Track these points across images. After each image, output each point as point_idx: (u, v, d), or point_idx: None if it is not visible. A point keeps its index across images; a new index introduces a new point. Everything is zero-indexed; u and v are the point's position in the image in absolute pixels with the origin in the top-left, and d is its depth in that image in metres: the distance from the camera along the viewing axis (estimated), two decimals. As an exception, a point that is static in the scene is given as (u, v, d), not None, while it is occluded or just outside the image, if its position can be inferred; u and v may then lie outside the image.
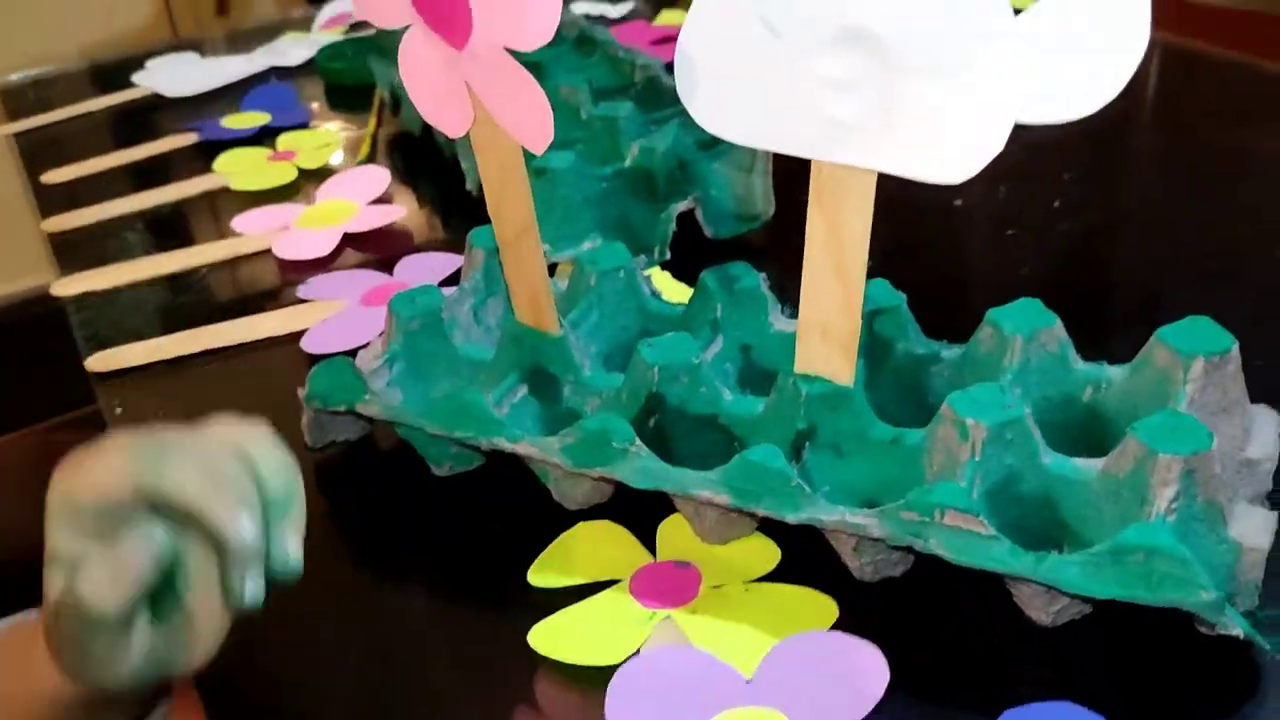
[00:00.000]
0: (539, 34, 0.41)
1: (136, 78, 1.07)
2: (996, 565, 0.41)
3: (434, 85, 0.47)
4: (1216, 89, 0.88)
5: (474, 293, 0.59)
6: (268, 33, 1.18)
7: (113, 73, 1.11)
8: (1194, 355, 0.45)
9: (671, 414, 0.49)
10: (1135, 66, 0.36)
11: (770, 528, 0.48)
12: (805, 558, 0.47)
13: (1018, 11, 0.37)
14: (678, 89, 0.43)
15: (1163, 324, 0.47)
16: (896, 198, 0.43)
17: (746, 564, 0.47)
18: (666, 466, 0.46)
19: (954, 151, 0.39)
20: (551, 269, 0.63)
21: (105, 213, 0.84)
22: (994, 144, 0.38)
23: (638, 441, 0.47)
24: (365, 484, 0.56)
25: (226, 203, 0.84)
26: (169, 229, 0.83)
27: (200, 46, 1.16)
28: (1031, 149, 0.81)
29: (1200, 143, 0.81)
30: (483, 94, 0.46)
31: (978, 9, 0.37)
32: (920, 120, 0.39)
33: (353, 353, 0.57)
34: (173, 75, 1.07)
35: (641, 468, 0.47)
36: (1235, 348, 0.45)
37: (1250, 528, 0.42)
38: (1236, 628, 0.39)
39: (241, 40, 1.19)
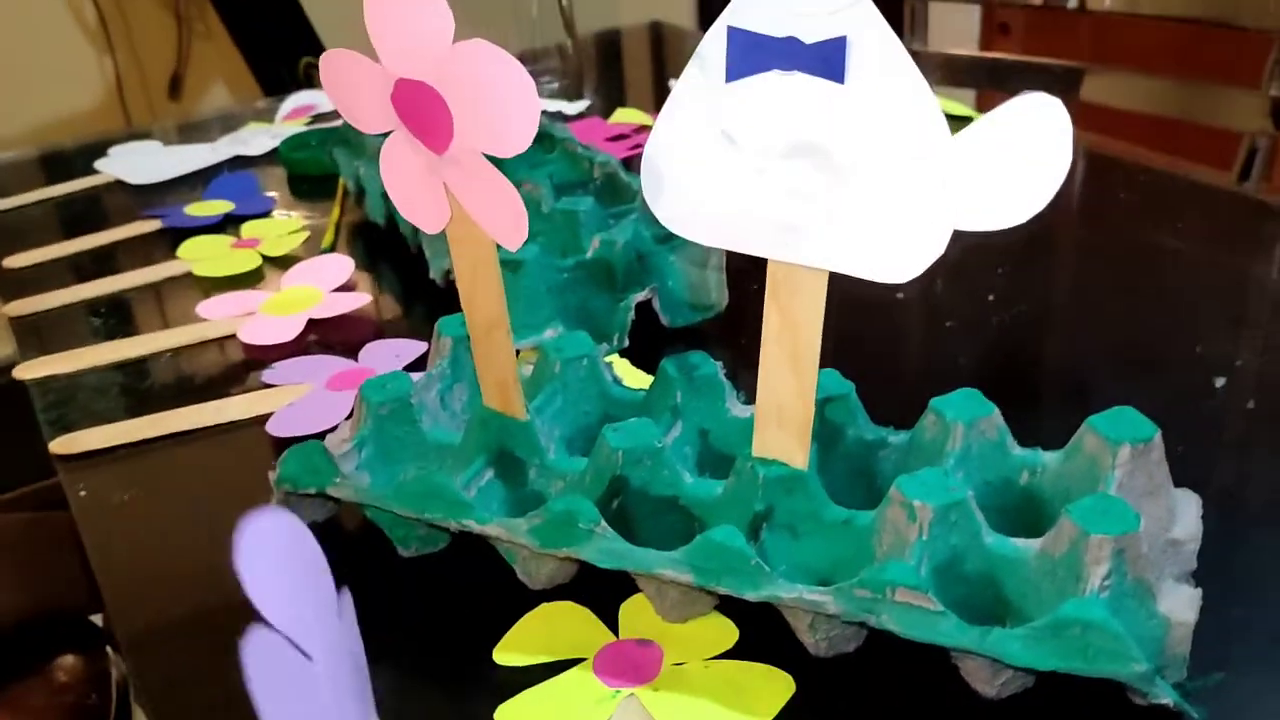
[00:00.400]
0: (519, 143, 0.44)
1: (99, 164, 1.09)
2: (945, 640, 0.43)
3: (413, 186, 0.50)
4: (1135, 192, 0.94)
5: (441, 379, 0.61)
6: (229, 122, 1.21)
7: (74, 159, 1.13)
8: (1121, 442, 0.48)
9: (635, 496, 0.52)
10: (1060, 182, 0.39)
11: (728, 607, 0.51)
12: (762, 635, 0.49)
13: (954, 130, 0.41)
14: (643, 192, 0.46)
15: (1090, 411, 0.50)
16: (844, 292, 0.47)
17: (706, 642, 0.50)
18: (631, 547, 0.49)
19: (898, 254, 0.43)
20: (517, 354, 0.65)
21: (69, 297, 0.85)
22: (934, 248, 0.42)
23: (603, 523, 0.49)
24: (332, 566, 0.57)
25: (190, 289, 0.86)
26: (133, 314, 0.84)
27: (160, 134, 1.18)
28: (967, 247, 0.86)
29: (1122, 241, 0.87)
30: (461, 195, 0.49)
31: (917, 130, 0.40)
32: (867, 226, 0.43)
33: (318, 436, 0.59)
34: (135, 163, 1.09)
35: (607, 548, 0.49)
36: (1158, 435, 0.48)
37: (1177, 604, 0.45)
38: (1166, 697, 0.42)
39: (203, 129, 1.21)
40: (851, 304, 0.77)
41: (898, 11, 1.39)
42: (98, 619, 1.04)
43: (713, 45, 0.43)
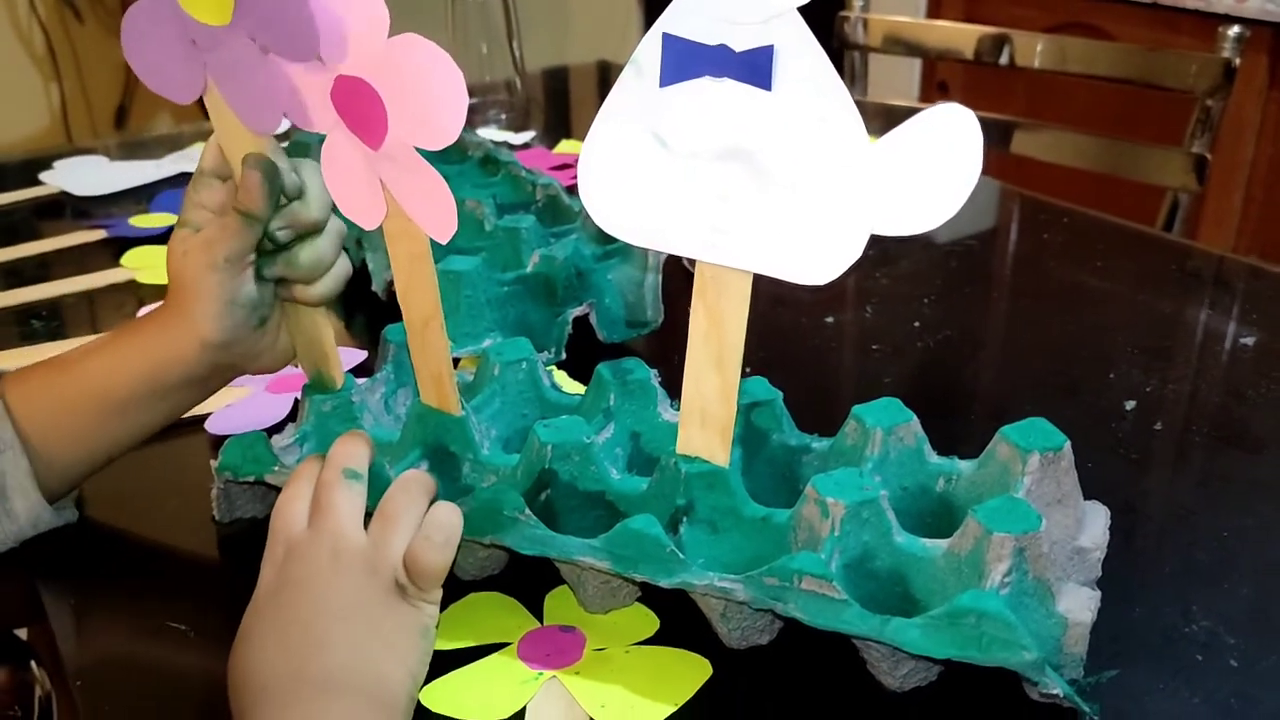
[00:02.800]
0: (446, 134, 0.45)
1: (44, 176, 1.09)
2: (847, 627, 0.45)
3: (352, 182, 0.51)
4: (1060, 232, 0.98)
5: (385, 382, 0.62)
6: (175, 142, 1.22)
7: (19, 171, 1.13)
8: (1031, 450, 0.50)
9: (563, 489, 0.53)
10: (970, 189, 0.41)
11: (650, 599, 0.52)
12: (683, 626, 0.51)
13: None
14: (580, 193, 0.48)
15: (1006, 423, 0.52)
16: (774, 316, 0.49)
17: (628, 629, 0.51)
18: (552, 534, 0.50)
19: (819, 257, 0.45)
20: (456, 362, 0.67)
21: (11, 300, 0.85)
22: (852, 251, 0.44)
23: (527, 511, 0.50)
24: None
25: (133, 295, 0.87)
26: (76, 318, 0.84)
27: (105, 151, 1.19)
28: (896, 277, 0.89)
29: (1046, 277, 0.90)
30: (395, 189, 0.50)
31: (838, 138, 0.42)
32: (789, 229, 0.45)
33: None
34: (81, 175, 1.09)
35: (529, 535, 0.50)
36: (1067, 445, 0.51)
37: (1076, 604, 0.47)
38: (1057, 688, 0.43)
39: (148, 148, 1.21)
40: (783, 328, 0.79)
41: (838, 65, 1.43)
42: (22, 633, 1.02)
43: (648, 51, 0.45)
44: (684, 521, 0.51)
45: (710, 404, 0.50)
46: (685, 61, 0.44)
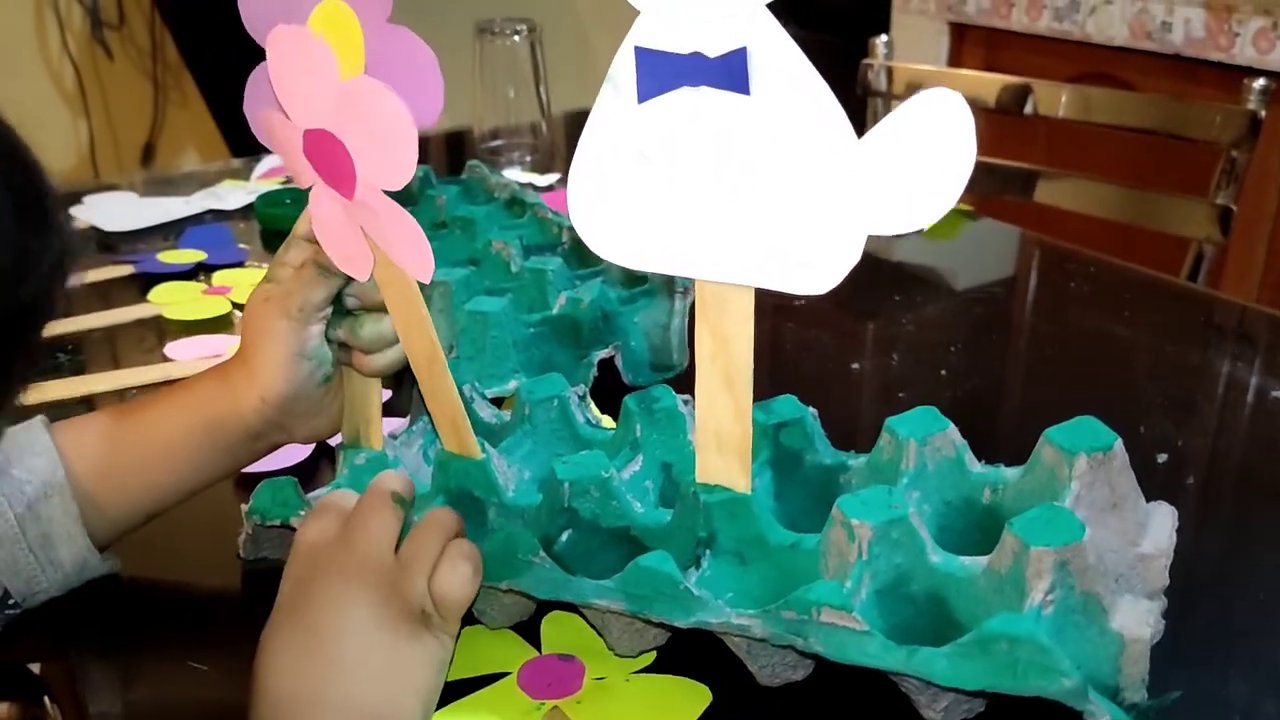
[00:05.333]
0: (402, 173, 0.45)
1: (74, 211, 1.10)
2: (871, 660, 0.43)
3: (339, 234, 0.51)
4: (1087, 282, 0.97)
5: (423, 434, 0.61)
6: (203, 179, 1.23)
7: (49, 206, 1.13)
8: (1077, 452, 0.46)
9: (585, 527, 0.52)
10: (966, 176, 0.39)
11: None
12: (682, 653, 0.50)
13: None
14: (571, 218, 0.46)
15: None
16: (800, 361, 0.48)
17: (627, 658, 0.51)
18: (567, 576, 0.49)
19: (816, 265, 0.43)
20: (499, 402, 0.67)
21: (36, 333, 0.85)
22: (850, 256, 0.42)
23: (541, 553, 0.49)
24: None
25: (159, 331, 0.87)
26: (100, 353, 0.85)
27: (133, 187, 1.20)
28: (922, 325, 0.89)
29: (1072, 327, 0.90)
30: (376, 235, 0.50)
31: (823, 136, 0.41)
32: (783, 238, 0.43)
33: (283, 473, 0.60)
34: (110, 211, 1.10)
35: (544, 578, 0.49)
36: (1119, 444, 0.47)
37: (1132, 619, 0.43)
38: (1106, 715, 0.40)
39: (177, 184, 1.23)
40: (808, 374, 0.79)
41: (861, 112, 1.44)
42: (35, 667, 1.02)
43: (623, 67, 0.43)
44: (707, 554, 0.50)
45: (725, 426, 0.49)
46: (660, 73, 0.43)
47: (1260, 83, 1.19)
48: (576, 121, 1.56)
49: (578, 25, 2.57)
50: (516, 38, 1.23)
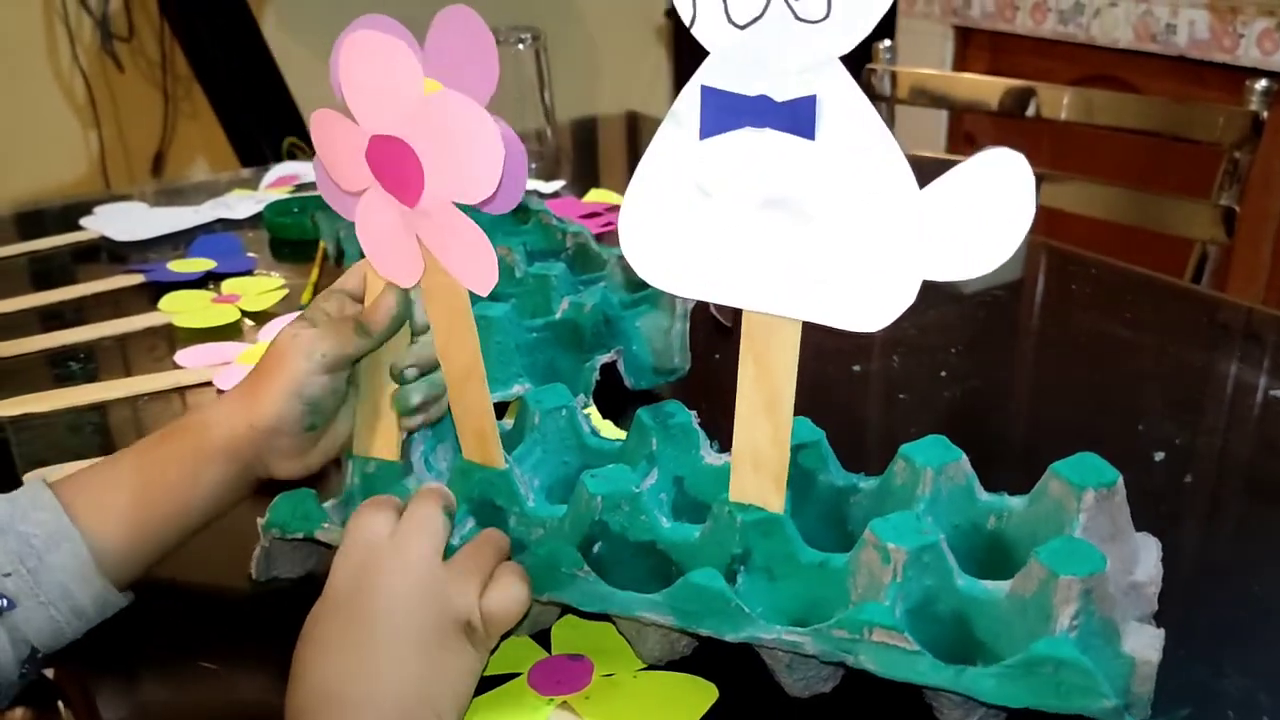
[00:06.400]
0: (485, 187, 0.46)
1: (84, 221, 1.11)
2: (921, 679, 0.45)
3: (388, 241, 0.52)
4: (1088, 283, 0.98)
5: (424, 439, 0.62)
6: (213, 189, 1.24)
7: (59, 216, 1.15)
8: (1085, 487, 0.49)
9: (614, 541, 0.53)
10: (1023, 233, 0.41)
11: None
12: (693, 650, 0.51)
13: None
14: (621, 246, 0.47)
15: (1034, 478, 0.51)
16: (803, 364, 0.48)
17: (635, 655, 0.52)
18: (613, 590, 0.50)
19: (869, 304, 0.44)
20: (500, 410, 0.67)
21: (49, 342, 0.87)
22: (905, 298, 0.43)
23: (585, 567, 0.50)
24: (306, 614, 0.58)
25: (170, 339, 0.88)
26: (112, 360, 0.86)
27: (143, 197, 1.21)
28: (924, 327, 0.89)
29: (1069, 328, 0.90)
30: (433, 245, 0.50)
31: (886, 184, 0.42)
32: (839, 277, 0.44)
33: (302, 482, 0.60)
34: (120, 221, 1.11)
35: (590, 591, 0.50)
36: (1120, 481, 0.50)
37: (1141, 643, 0.46)
38: None
39: (186, 194, 1.24)
40: (811, 377, 0.79)
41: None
42: (49, 672, 1.03)
43: (687, 103, 0.44)
44: (741, 570, 0.51)
45: (762, 450, 0.50)
46: (725, 113, 0.44)
47: (1262, 84, 1.19)
48: (581, 129, 1.57)
49: (583, 33, 2.58)
50: (522, 45, 1.24)
